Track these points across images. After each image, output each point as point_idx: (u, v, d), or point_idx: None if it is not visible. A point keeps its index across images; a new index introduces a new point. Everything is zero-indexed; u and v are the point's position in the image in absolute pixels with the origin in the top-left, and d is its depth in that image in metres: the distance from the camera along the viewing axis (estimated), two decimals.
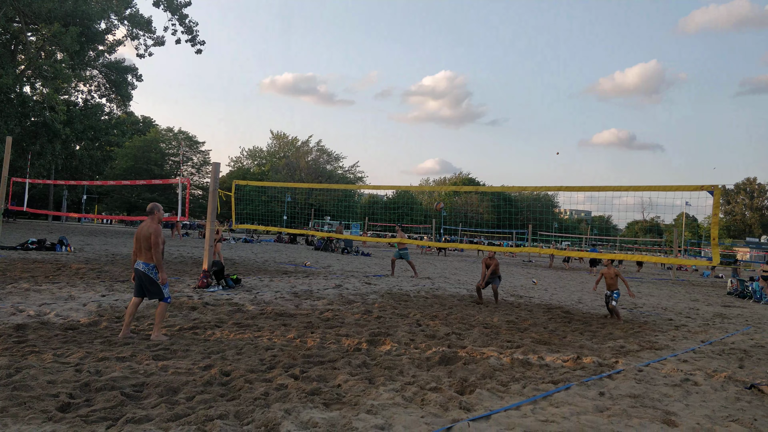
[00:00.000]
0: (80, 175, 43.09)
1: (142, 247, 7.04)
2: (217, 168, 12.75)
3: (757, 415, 5.25)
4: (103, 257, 17.24)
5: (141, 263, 7.06)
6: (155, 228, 7.03)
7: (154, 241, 6.93)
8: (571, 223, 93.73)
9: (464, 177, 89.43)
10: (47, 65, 31.53)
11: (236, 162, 77.98)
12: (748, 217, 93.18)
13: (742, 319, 12.60)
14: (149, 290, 7.07)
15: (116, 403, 4.44)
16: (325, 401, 4.80)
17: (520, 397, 5.34)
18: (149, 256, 7.00)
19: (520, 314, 11.08)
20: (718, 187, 8.21)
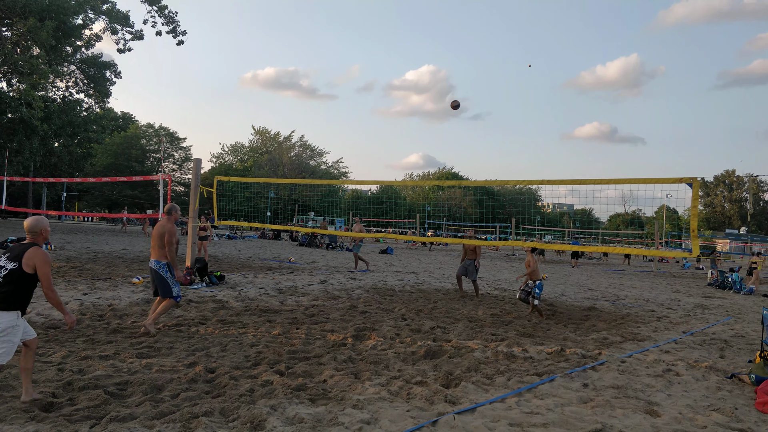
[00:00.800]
0: (59, 173, 42.54)
1: (156, 245, 7.23)
2: (199, 164, 12.65)
3: (738, 404, 5.33)
4: (85, 255, 17.05)
5: (153, 261, 7.26)
6: (170, 228, 7.21)
7: (168, 240, 7.11)
8: (554, 216, 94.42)
9: (448, 171, 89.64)
10: (23, 61, 31.02)
11: (218, 158, 77.48)
12: (727, 209, 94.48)
13: (723, 310, 12.78)
14: (159, 287, 7.23)
15: (100, 402, 4.40)
16: (310, 397, 4.79)
17: (505, 389, 5.38)
18: (162, 254, 7.19)
19: (505, 307, 11.14)
20: (696, 179, 8.29)
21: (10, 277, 4.06)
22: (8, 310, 4.05)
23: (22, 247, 4.19)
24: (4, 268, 4.10)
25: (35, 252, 4.13)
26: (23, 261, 4.08)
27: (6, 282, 4.04)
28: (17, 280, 4.06)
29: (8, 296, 4.03)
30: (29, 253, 4.11)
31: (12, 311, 4.07)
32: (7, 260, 4.14)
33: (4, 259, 4.16)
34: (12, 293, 4.05)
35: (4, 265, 4.11)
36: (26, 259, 4.08)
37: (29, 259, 4.09)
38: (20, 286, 4.08)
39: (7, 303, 4.03)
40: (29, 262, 4.09)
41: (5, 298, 4.02)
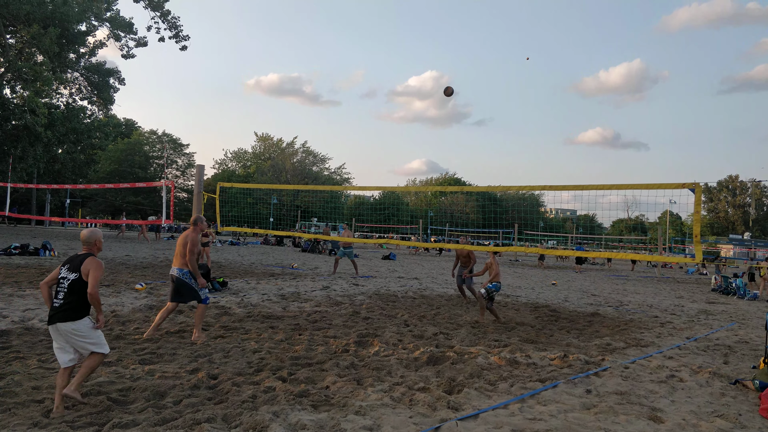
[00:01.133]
0: (63, 179, 42.61)
1: (179, 253, 7.46)
2: (202, 170, 12.67)
3: (742, 410, 5.31)
4: None
5: (175, 269, 7.45)
6: (192, 237, 7.44)
7: (189, 249, 7.33)
8: (557, 222, 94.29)
9: (450, 177, 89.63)
10: (27, 68, 31.18)
11: (221, 164, 77.62)
12: (731, 214, 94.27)
13: (727, 316, 12.75)
14: (183, 294, 7.42)
15: (102, 408, 4.40)
16: (313, 403, 4.79)
17: (508, 395, 5.37)
18: (184, 262, 7.38)
19: (508, 313, 11.12)
20: (699, 184, 8.28)
21: (72, 286, 4.35)
22: (79, 318, 4.37)
23: (80, 257, 4.47)
24: (66, 278, 4.39)
25: (91, 261, 4.43)
26: (81, 270, 4.37)
27: (70, 292, 4.34)
28: (79, 289, 4.35)
29: (75, 306, 4.34)
30: (86, 262, 4.40)
31: (83, 318, 4.40)
32: (68, 271, 4.42)
33: (65, 270, 4.44)
34: (77, 302, 4.35)
35: (66, 275, 4.40)
36: (83, 269, 4.37)
37: (87, 267, 4.37)
38: (83, 295, 4.36)
39: (75, 313, 4.34)
40: (85, 271, 4.37)
41: (73, 308, 4.33)
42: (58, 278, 4.49)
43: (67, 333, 4.36)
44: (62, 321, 4.33)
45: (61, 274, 4.47)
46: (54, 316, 4.36)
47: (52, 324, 4.38)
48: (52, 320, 4.37)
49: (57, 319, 4.34)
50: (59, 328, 4.35)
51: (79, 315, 4.37)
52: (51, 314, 4.39)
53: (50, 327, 4.41)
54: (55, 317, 4.35)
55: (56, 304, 4.39)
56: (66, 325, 4.34)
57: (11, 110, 32.56)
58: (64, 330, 4.35)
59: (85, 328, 4.42)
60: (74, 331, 4.36)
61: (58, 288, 4.45)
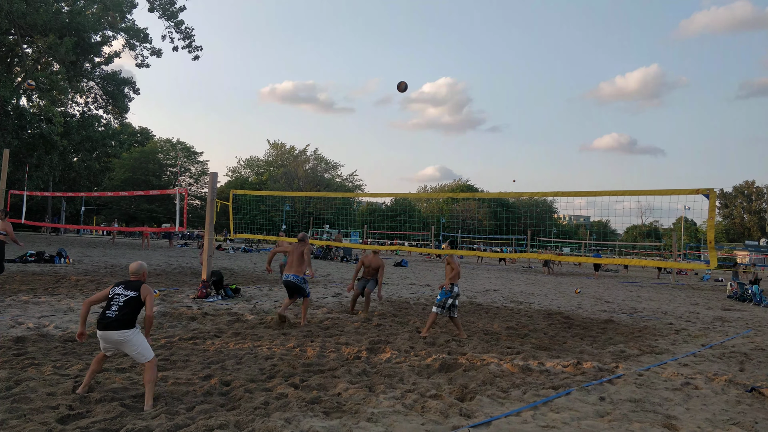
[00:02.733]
0: (78, 187, 43.02)
1: (295, 263, 9.36)
2: (215, 178, 12.76)
3: (758, 418, 5.25)
4: (102, 269, 17.22)
5: (292, 276, 9.28)
6: (306, 249, 9.52)
7: (307, 260, 9.42)
8: (570, 228, 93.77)
9: (462, 184, 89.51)
10: (43, 77, 31.56)
11: (234, 172, 78.05)
12: (746, 220, 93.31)
13: (743, 323, 12.61)
14: (298, 292, 9.34)
15: (116, 415, 4.43)
16: (325, 410, 4.79)
17: (521, 403, 5.34)
18: (301, 270, 9.33)
19: (520, 320, 11.08)
20: (713, 190, 8.22)
21: (129, 302, 4.96)
22: (131, 328, 4.91)
23: (135, 283, 5.15)
24: (123, 295, 5.00)
25: (147, 287, 5.12)
26: (141, 292, 5.02)
27: (126, 305, 4.93)
28: (135, 305, 4.98)
29: (129, 317, 4.91)
30: (144, 287, 5.08)
31: (134, 328, 4.95)
32: (124, 289, 5.05)
33: (120, 288, 5.07)
34: (131, 314, 4.93)
35: (122, 293, 5.02)
36: (142, 291, 5.04)
37: (145, 292, 5.04)
38: (135, 310, 4.99)
39: (128, 323, 4.90)
40: (144, 294, 5.03)
41: (127, 319, 4.89)
42: (110, 296, 5.03)
43: (119, 341, 4.86)
44: (116, 329, 4.84)
45: (116, 291, 5.05)
46: (109, 325, 4.85)
47: (106, 331, 4.85)
48: (107, 328, 4.85)
49: (112, 328, 4.84)
50: (112, 335, 4.85)
51: (131, 325, 4.91)
52: (105, 322, 4.87)
53: (102, 333, 4.88)
54: (110, 326, 4.84)
55: (110, 314, 4.90)
56: (119, 333, 4.84)
57: (28, 119, 32.94)
58: (117, 338, 4.85)
59: (134, 336, 4.91)
60: (125, 339, 4.86)
61: (111, 302, 4.97)
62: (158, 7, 37.00)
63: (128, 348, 4.89)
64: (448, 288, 8.64)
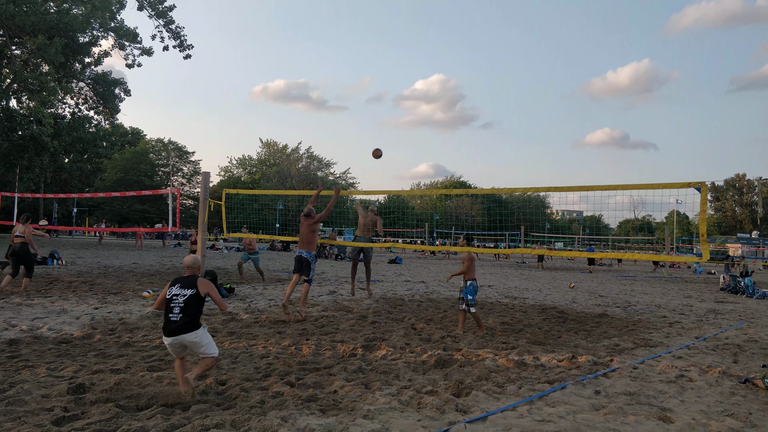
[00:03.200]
0: (70, 188, 42.83)
1: (304, 241, 9.90)
2: (207, 177, 12.71)
3: (752, 409, 5.28)
4: (95, 270, 17.15)
5: (305, 252, 9.82)
6: (315, 227, 9.97)
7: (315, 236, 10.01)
8: (563, 223, 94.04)
9: (456, 180, 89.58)
10: (33, 78, 31.35)
11: (227, 171, 77.82)
12: (738, 213, 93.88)
13: (735, 315, 12.68)
14: (305, 270, 9.73)
15: (111, 416, 4.41)
16: (321, 407, 4.79)
17: (516, 397, 5.35)
18: (311, 247, 9.90)
19: (515, 315, 11.10)
20: (705, 184, 8.25)
21: (189, 301, 4.91)
22: (198, 328, 4.92)
23: (190, 278, 5.09)
24: (182, 295, 4.94)
25: (203, 281, 5.06)
26: (198, 288, 4.97)
27: (187, 306, 4.89)
28: (196, 302, 4.94)
29: (193, 317, 4.90)
30: (199, 282, 5.02)
31: (201, 327, 4.96)
32: (181, 288, 4.98)
33: (177, 288, 5.00)
34: (194, 314, 4.92)
35: (180, 292, 4.96)
36: (200, 287, 4.99)
37: (202, 287, 5.00)
38: (198, 308, 4.96)
39: (194, 324, 4.90)
40: (203, 289, 4.99)
41: (193, 320, 4.89)
42: (168, 296, 4.98)
43: (192, 342, 4.89)
44: (186, 332, 4.85)
45: (173, 291, 4.98)
46: (177, 330, 4.84)
47: (176, 336, 4.85)
48: (176, 333, 4.84)
49: (181, 332, 4.84)
50: (183, 340, 4.86)
51: (198, 325, 4.93)
52: (172, 328, 4.86)
53: (170, 340, 4.89)
54: (178, 330, 4.84)
55: (174, 318, 4.87)
56: (189, 336, 4.86)
57: (17, 121, 32.73)
58: (189, 341, 4.87)
59: (204, 335, 4.96)
60: (196, 340, 4.89)
61: (172, 304, 4.92)
62: (147, 6, 36.81)
63: (198, 347, 4.91)
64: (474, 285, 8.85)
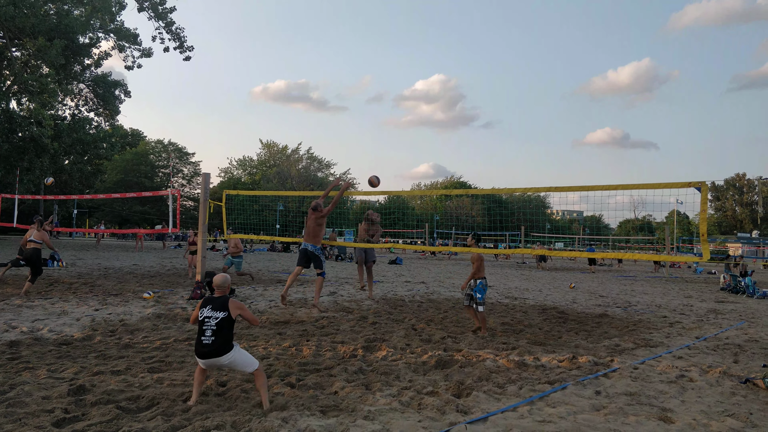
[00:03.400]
0: (70, 189, 42.79)
1: (310, 234, 10.00)
2: (207, 178, 12.72)
3: (753, 409, 5.28)
4: (96, 271, 17.16)
5: (309, 245, 9.94)
6: (321, 220, 9.93)
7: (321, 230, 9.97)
8: (563, 223, 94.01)
9: (456, 180, 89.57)
10: (33, 80, 31.36)
11: (227, 172, 77.84)
12: (738, 212, 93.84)
13: (736, 315, 12.68)
14: (315, 263, 9.98)
15: (112, 417, 4.41)
16: (322, 408, 4.79)
17: (517, 398, 5.35)
18: (316, 240, 9.97)
19: (515, 316, 11.11)
20: (705, 183, 8.25)
21: (222, 324, 4.81)
22: (231, 349, 4.84)
23: (220, 299, 4.98)
24: (213, 317, 4.84)
25: (234, 302, 4.97)
26: (230, 310, 4.87)
27: (219, 329, 4.80)
28: (228, 325, 4.85)
29: (226, 340, 4.82)
30: (231, 303, 4.93)
31: (234, 348, 4.88)
32: (212, 310, 4.88)
33: (208, 310, 4.89)
34: (227, 337, 4.83)
35: (212, 314, 4.86)
36: (231, 309, 4.88)
37: (234, 309, 4.90)
38: (230, 330, 4.87)
39: (228, 345, 4.83)
40: (234, 311, 4.89)
41: (226, 342, 4.81)
42: (200, 318, 4.90)
43: (226, 365, 4.87)
44: (219, 356, 4.78)
45: (204, 313, 4.89)
46: (210, 353, 4.77)
47: (207, 359, 4.80)
48: (209, 356, 4.78)
49: (214, 355, 4.77)
50: (217, 363, 4.84)
51: (231, 346, 4.84)
52: (204, 351, 4.79)
53: (203, 362, 4.83)
54: (211, 354, 4.77)
55: (206, 341, 4.79)
56: (223, 359, 4.80)
57: (18, 122, 32.73)
58: (223, 363, 4.84)
59: (236, 355, 4.85)
60: (231, 361, 4.85)
61: (204, 327, 4.83)
62: (148, 7, 36.82)
63: (235, 367, 4.90)
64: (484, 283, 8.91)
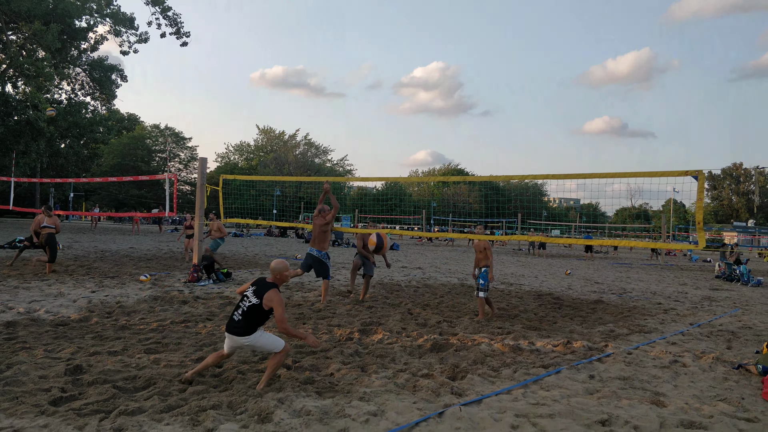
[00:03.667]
0: (66, 173, 42.64)
1: (316, 240, 9.54)
2: (204, 163, 12.69)
3: (744, 393, 5.33)
4: (92, 254, 17.15)
5: (315, 250, 9.47)
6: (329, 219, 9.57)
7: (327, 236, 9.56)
8: (560, 211, 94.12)
9: (453, 168, 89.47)
10: (29, 64, 31.14)
11: (224, 157, 77.64)
12: (734, 201, 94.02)
13: (730, 302, 12.75)
14: (318, 270, 9.43)
15: (109, 396, 4.44)
16: (318, 390, 4.82)
17: (511, 381, 5.39)
18: (322, 246, 9.46)
19: (511, 301, 11.15)
20: (702, 172, 8.27)
21: (251, 309, 4.82)
22: (252, 334, 4.83)
23: (266, 285, 4.93)
24: (249, 299, 4.86)
25: (274, 294, 4.85)
26: (264, 299, 4.80)
27: (248, 312, 4.82)
28: (256, 313, 4.82)
29: (250, 325, 4.81)
30: (268, 294, 4.83)
31: (255, 332, 4.86)
32: (253, 294, 4.88)
33: (251, 291, 4.91)
34: (251, 323, 4.82)
35: (250, 297, 4.87)
36: (266, 300, 4.81)
37: (268, 301, 4.82)
38: (258, 318, 4.85)
39: (249, 330, 4.82)
40: (268, 303, 4.82)
41: (249, 326, 4.81)
42: (243, 294, 4.98)
43: (245, 345, 4.90)
44: (237, 335, 4.83)
45: (247, 292, 4.94)
46: (232, 330, 4.85)
47: (230, 334, 4.87)
48: (231, 332, 4.85)
49: (235, 333, 4.84)
50: (237, 341, 4.86)
51: (252, 332, 4.83)
52: (229, 326, 4.89)
53: (227, 335, 4.90)
54: (233, 331, 4.84)
55: (235, 318, 4.87)
56: (241, 340, 4.84)
57: (14, 106, 32.55)
58: (242, 343, 4.87)
59: (257, 338, 4.87)
60: (251, 344, 4.88)
61: (240, 303, 4.91)
62: None
63: (256, 349, 4.93)
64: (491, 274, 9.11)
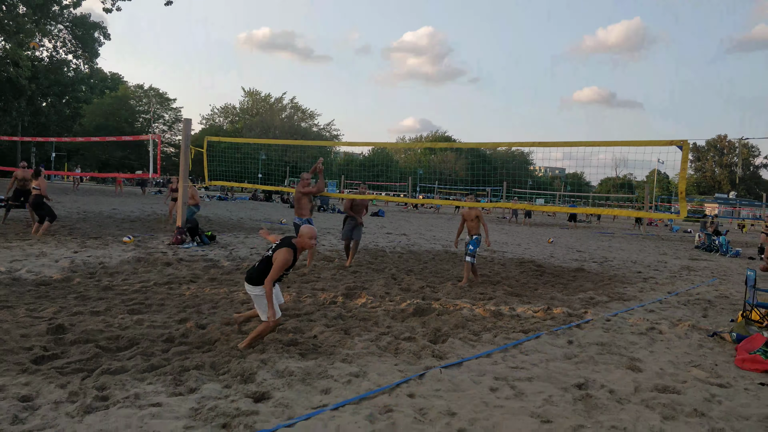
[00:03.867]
0: (48, 132, 42.02)
1: (295, 206, 9.57)
2: (189, 124, 12.54)
3: (718, 360, 5.46)
4: (75, 215, 17.01)
5: (296, 218, 9.44)
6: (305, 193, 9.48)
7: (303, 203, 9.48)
8: (546, 179, 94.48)
9: (440, 135, 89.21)
10: (9, 19, 30.40)
11: (209, 119, 76.69)
12: (717, 173, 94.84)
13: (708, 272, 12.97)
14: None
15: (91, 356, 4.46)
16: (301, 351, 4.87)
17: (492, 345, 5.48)
18: (301, 213, 9.43)
19: (494, 268, 11.26)
20: (687, 142, 8.32)
21: (264, 261, 4.94)
22: (258, 285, 4.89)
23: (285, 244, 4.95)
24: (267, 251, 4.99)
25: (282, 253, 4.85)
26: (274, 255, 4.87)
27: (261, 263, 4.96)
28: (266, 266, 4.88)
29: (259, 274, 4.88)
30: (280, 251, 4.87)
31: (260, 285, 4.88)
32: (273, 248, 4.97)
33: (274, 245, 5.01)
34: (261, 272, 4.88)
35: (270, 248, 5.01)
36: (275, 255, 4.87)
37: (274, 256, 4.87)
38: (266, 271, 4.85)
39: (256, 280, 4.89)
40: (275, 258, 4.86)
41: (257, 276, 4.88)
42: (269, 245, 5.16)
43: (249, 293, 5.01)
44: (246, 281, 4.99)
45: (272, 245, 5.08)
46: (246, 275, 5.04)
47: (245, 281, 5.02)
48: (246, 279, 5.02)
49: (246, 279, 5.00)
50: (246, 287, 5.01)
51: (258, 282, 4.89)
52: (246, 272, 5.08)
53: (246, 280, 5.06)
54: (246, 276, 5.02)
55: (253, 265, 5.10)
56: (246, 286, 4.99)
57: None
58: (247, 291, 5.01)
59: (257, 294, 4.93)
60: (252, 294, 4.98)
61: (266, 251, 5.06)
62: None
63: (254, 302, 5.00)
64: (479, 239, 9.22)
